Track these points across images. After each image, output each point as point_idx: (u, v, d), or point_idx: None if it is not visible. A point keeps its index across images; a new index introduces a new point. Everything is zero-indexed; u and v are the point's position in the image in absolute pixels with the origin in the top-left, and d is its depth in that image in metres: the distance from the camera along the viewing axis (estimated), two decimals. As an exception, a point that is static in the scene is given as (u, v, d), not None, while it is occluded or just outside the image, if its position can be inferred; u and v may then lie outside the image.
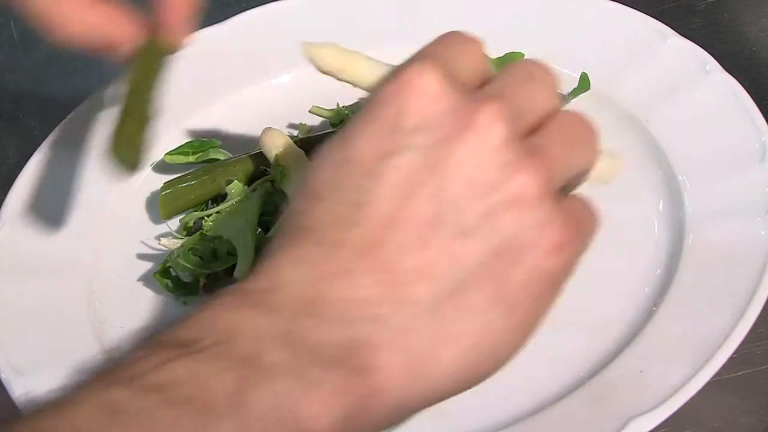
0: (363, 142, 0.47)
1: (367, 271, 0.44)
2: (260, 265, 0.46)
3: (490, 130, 0.46)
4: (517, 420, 0.63)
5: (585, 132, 0.53)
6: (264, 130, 0.74)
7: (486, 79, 0.51)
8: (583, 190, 0.72)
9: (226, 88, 0.86)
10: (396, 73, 0.48)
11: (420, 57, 0.49)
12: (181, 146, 0.80)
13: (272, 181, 0.72)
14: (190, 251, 0.70)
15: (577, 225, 0.49)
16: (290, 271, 0.45)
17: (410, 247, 0.45)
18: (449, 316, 0.45)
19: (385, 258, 0.45)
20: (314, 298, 0.44)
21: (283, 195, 0.72)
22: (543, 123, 0.50)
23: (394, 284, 0.44)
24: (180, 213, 0.77)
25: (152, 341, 0.42)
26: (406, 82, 0.47)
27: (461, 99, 0.47)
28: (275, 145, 0.73)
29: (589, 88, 0.79)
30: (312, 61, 0.73)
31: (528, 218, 0.46)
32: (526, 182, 0.46)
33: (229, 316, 0.43)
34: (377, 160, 0.46)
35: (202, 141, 0.80)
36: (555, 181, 0.48)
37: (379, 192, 0.46)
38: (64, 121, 0.81)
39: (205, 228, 0.71)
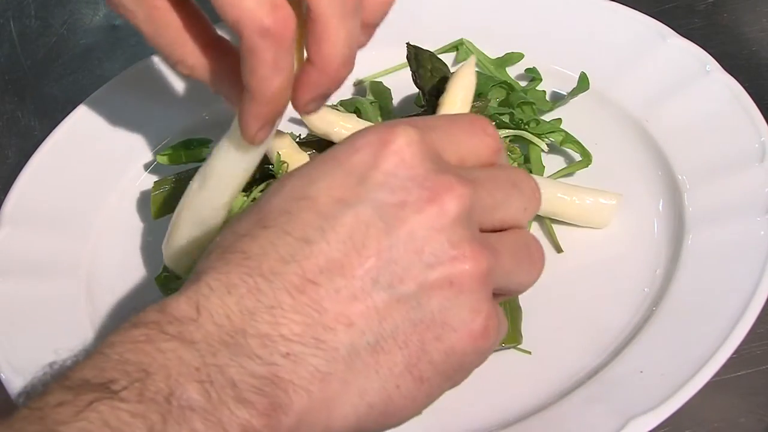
0: (326, 182, 0.48)
1: (294, 309, 0.45)
2: (187, 284, 0.47)
3: (450, 208, 0.47)
4: (518, 420, 0.63)
5: (536, 257, 0.54)
6: (276, 135, 0.75)
7: (481, 166, 0.53)
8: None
9: (226, 88, 0.85)
10: (381, 126, 0.49)
11: (418, 123, 0.50)
12: (173, 146, 0.80)
13: (273, 176, 0.72)
14: None
15: (498, 325, 0.50)
16: (214, 301, 0.45)
17: (343, 295, 0.46)
18: (361, 369, 0.46)
19: (315, 299, 0.45)
20: (234, 331, 0.44)
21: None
22: (505, 230, 0.52)
23: (318, 326, 0.45)
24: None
25: (74, 378, 0.43)
26: (386, 139, 0.48)
27: (434, 171, 0.48)
28: (278, 144, 0.73)
29: (588, 88, 0.79)
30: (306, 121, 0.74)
31: (459, 300, 0.47)
32: (468, 267, 0.47)
33: (147, 349, 0.43)
34: (336, 204, 0.47)
35: (195, 141, 0.80)
36: (493, 279, 0.49)
37: (329, 235, 0.46)
38: (64, 120, 0.81)
39: None
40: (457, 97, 0.71)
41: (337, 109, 0.80)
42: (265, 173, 0.74)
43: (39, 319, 0.70)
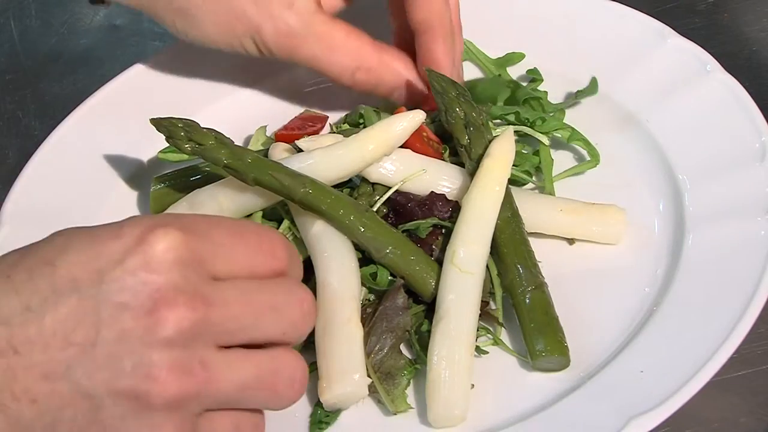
0: (75, 256, 0.48)
1: None
2: None
3: (165, 327, 0.47)
4: (519, 420, 0.63)
5: (282, 387, 0.52)
6: (273, 145, 0.75)
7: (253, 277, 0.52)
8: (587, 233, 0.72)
9: (226, 87, 0.86)
10: (154, 221, 0.49)
11: (196, 227, 0.50)
12: (174, 144, 0.80)
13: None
14: None
15: None
16: None
17: (36, 371, 0.47)
18: None
19: (12, 366, 0.47)
20: None
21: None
22: (261, 348, 0.51)
23: (7, 392, 0.47)
24: None
25: None
26: (145, 237, 0.48)
27: (171, 284, 0.48)
28: (278, 152, 0.73)
29: (596, 92, 0.79)
30: None
31: (141, 417, 0.48)
32: (156, 389, 0.47)
33: None
34: (70, 282, 0.48)
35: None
36: (198, 404, 0.49)
37: (49, 310, 0.47)
38: (64, 120, 0.81)
39: None
40: (503, 161, 0.70)
41: (341, 127, 0.80)
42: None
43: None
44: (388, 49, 0.75)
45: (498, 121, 0.78)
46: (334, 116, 0.83)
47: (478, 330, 0.66)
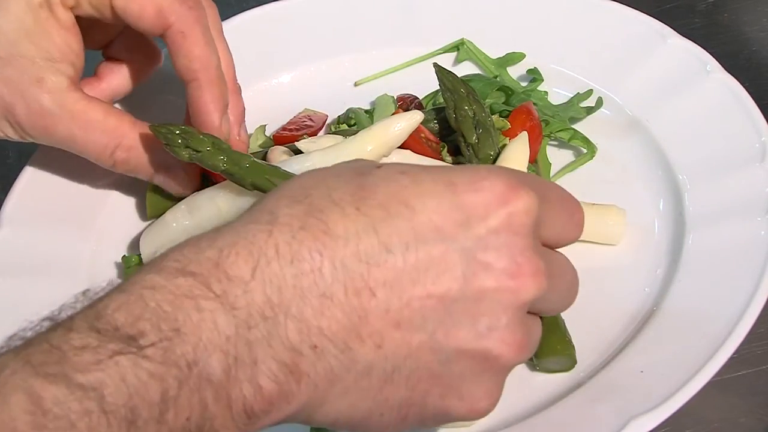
0: (434, 203, 0.47)
1: (342, 307, 0.45)
2: (256, 225, 0.46)
3: (525, 292, 0.47)
4: (519, 420, 0.63)
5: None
6: (271, 148, 0.75)
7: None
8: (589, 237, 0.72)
9: (226, 88, 0.85)
10: (510, 178, 0.48)
11: (539, 189, 0.49)
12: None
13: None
14: None
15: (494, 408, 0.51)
16: (273, 268, 0.45)
17: (390, 316, 0.46)
18: (365, 388, 0.47)
19: (365, 307, 0.45)
20: (279, 306, 0.44)
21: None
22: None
23: (353, 333, 0.45)
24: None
25: (105, 318, 0.43)
26: (507, 197, 0.48)
27: (531, 249, 0.48)
28: (276, 156, 0.73)
29: (601, 105, 0.79)
30: None
31: (482, 377, 0.48)
32: (507, 355, 0.48)
33: (185, 304, 0.43)
34: (432, 230, 0.47)
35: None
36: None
37: (410, 256, 0.46)
38: (64, 121, 0.81)
39: None
40: (519, 166, 0.70)
41: (339, 127, 0.80)
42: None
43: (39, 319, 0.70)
44: None
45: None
46: (333, 116, 0.83)
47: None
